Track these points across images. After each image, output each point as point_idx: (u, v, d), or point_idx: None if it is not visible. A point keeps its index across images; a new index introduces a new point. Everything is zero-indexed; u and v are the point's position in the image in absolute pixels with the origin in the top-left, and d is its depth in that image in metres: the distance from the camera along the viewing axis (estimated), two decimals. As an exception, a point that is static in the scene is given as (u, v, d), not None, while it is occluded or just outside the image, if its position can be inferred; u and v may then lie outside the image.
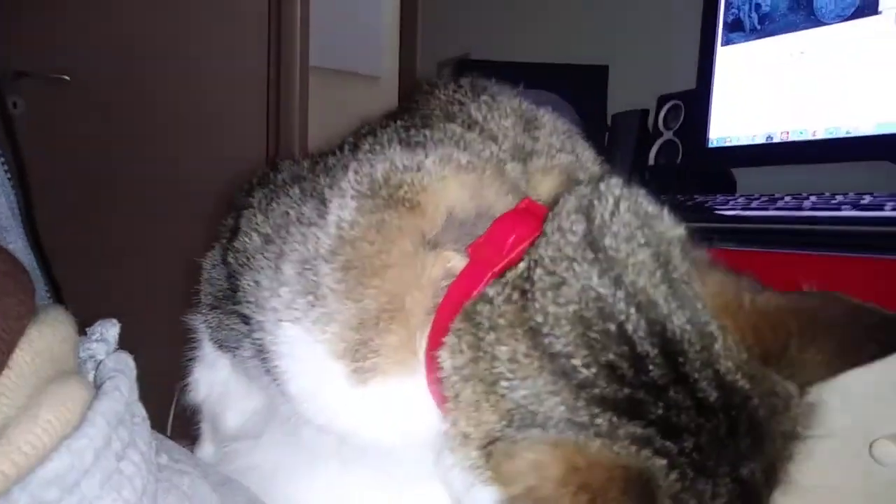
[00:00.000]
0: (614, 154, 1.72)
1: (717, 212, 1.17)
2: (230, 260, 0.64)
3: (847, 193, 1.08)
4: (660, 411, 0.49)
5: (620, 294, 0.51)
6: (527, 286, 0.52)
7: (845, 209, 0.99)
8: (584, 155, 0.69)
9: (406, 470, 0.61)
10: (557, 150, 0.66)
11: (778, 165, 1.42)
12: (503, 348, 0.51)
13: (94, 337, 0.53)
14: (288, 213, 0.60)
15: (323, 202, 0.58)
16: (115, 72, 2.42)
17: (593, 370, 0.50)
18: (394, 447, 0.58)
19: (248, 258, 0.61)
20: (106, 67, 2.40)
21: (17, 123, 2.34)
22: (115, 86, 2.45)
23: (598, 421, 0.49)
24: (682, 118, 1.62)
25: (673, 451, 0.49)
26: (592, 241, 0.53)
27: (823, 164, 1.35)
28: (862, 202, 1.01)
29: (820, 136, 1.28)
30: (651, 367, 0.50)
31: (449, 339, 0.53)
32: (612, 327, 0.50)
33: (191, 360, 0.77)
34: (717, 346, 0.52)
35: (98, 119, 2.41)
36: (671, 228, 0.56)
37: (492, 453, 0.51)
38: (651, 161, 1.67)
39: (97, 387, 0.46)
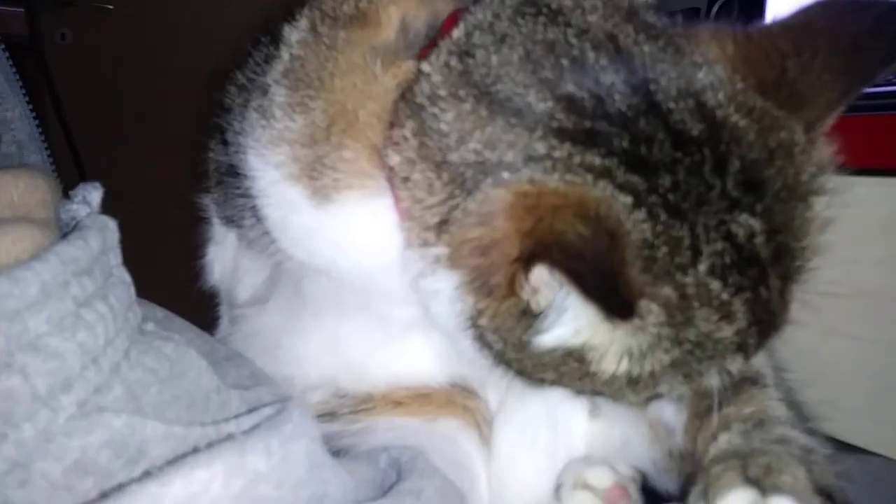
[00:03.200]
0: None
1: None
2: (223, 124, 0.64)
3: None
4: (625, 143, 0.45)
5: (571, 31, 0.48)
6: (465, 47, 0.50)
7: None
8: None
9: (400, 311, 0.60)
10: None
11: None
12: (447, 115, 0.49)
13: (76, 199, 0.52)
14: (258, 62, 0.61)
15: (281, 38, 0.58)
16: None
17: (549, 104, 0.47)
18: (374, 271, 0.57)
19: (230, 112, 0.62)
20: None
21: (68, 54, 2.37)
22: (157, 13, 2.44)
23: (556, 154, 0.46)
24: (734, 14, 1.53)
25: (640, 186, 0.45)
26: (533, 1, 0.51)
27: None
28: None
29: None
30: (616, 96, 0.46)
31: (394, 133, 0.52)
32: (565, 61, 0.47)
33: (203, 241, 0.76)
34: (701, 74, 0.47)
35: (139, 47, 2.41)
36: None
37: (446, 229, 0.49)
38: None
39: None
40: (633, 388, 0.49)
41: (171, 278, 0.77)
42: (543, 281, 0.45)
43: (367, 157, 0.54)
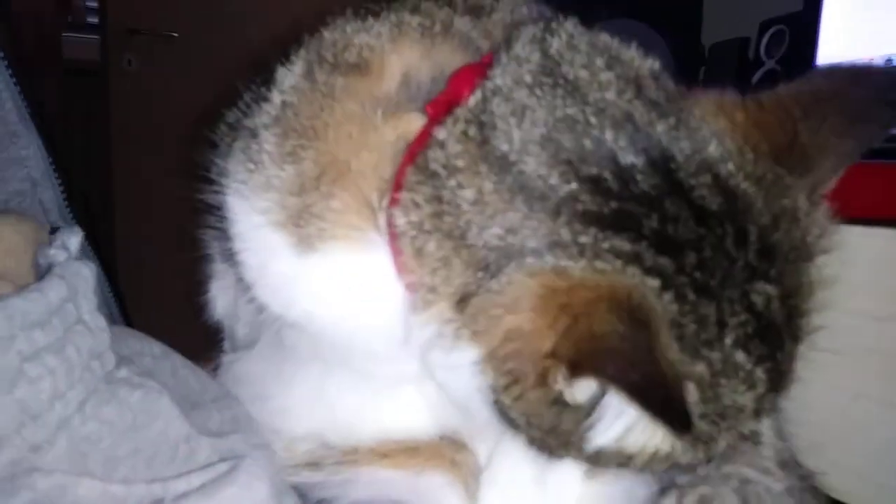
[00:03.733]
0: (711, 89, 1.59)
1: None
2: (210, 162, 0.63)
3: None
4: (653, 224, 0.44)
5: (590, 111, 0.46)
6: (484, 118, 0.48)
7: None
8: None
9: (385, 369, 0.59)
10: (519, 5, 0.62)
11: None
12: (466, 192, 0.47)
13: (55, 244, 0.53)
14: (248, 102, 0.59)
15: (274, 79, 0.57)
16: (220, 29, 2.50)
17: (574, 185, 0.45)
18: (357, 330, 0.55)
19: (217, 150, 0.61)
20: (211, 24, 2.48)
21: (132, 78, 2.46)
22: (220, 42, 2.52)
23: (582, 239, 0.44)
24: (786, 44, 1.47)
25: (668, 269, 0.44)
26: (550, 70, 0.49)
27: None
28: None
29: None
30: (639, 177, 0.45)
31: (402, 196, 0.50)
32: (588, 143, 0.46)
33: (206, 277, 0.77)
34: (713, 148, 0.46)
35: (202, 74, 2.50)
36: (640, 59, 0.51)
37: (467, 306, 0.47)
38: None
39: None
40: (659, 463, 0.48)
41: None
42: (590, 385, 0.44)
43: (357, 209, 0.53)
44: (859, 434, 0.67)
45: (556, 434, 0.48)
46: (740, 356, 0.45)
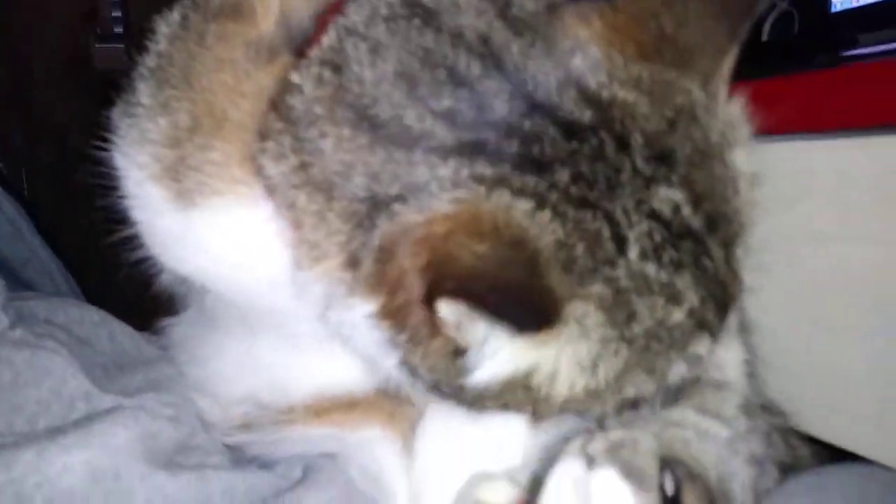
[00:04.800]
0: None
1: None
2: None
3: None
4: (514, 147, 0.42)
5: (445, 39, 0.44)
6: (338, 59, 0.46)
7: None
8: None
9: (303, 327, 0.57)
10: None
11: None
12: (327, 141, 0.45)
13: None
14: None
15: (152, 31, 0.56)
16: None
17: (427, 122, 0.43)
18: (256, 286, 0.54)
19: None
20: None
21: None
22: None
23: (440, 172, 0.42)
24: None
25: (539, 186, 0.42)
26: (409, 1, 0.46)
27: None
28: None
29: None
30: (496, 103, 0.43)
31: (268, 145, 0.48)
32: (441, 75, 0.44)
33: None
34: (577, 61, 0.44)
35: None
36: None
37: (358, 267, 0.45)
38: (764, 37, 1.44)
39: None
40: (597, 400, 0.46)
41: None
42: (458, 315, 0.41)
43: (239, 161, 0.51)
44: (830, 367, 0.61)
45: (468, 389, 0.46)
46: (650, 268, 0.42)
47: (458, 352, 0.44)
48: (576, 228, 0.41)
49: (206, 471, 0.51)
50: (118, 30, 2.61)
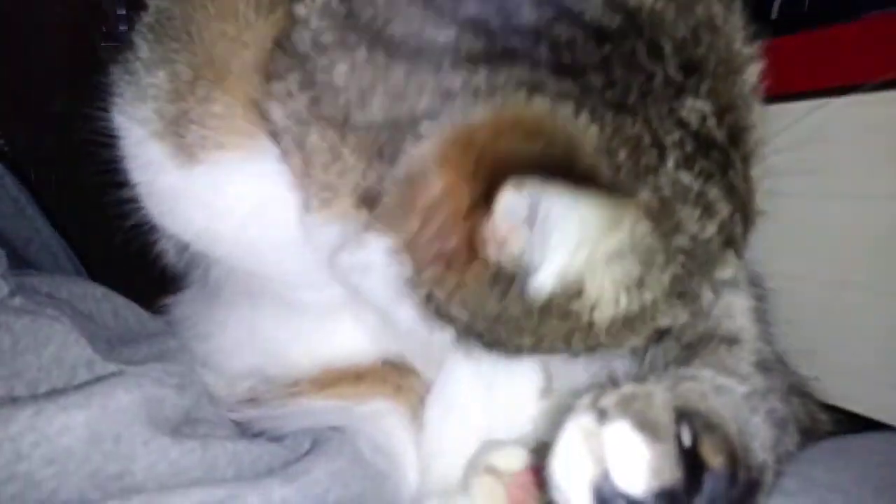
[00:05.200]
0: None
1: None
2: None
3: None
4: (545, 54, 0.40)
5: None
6: None
7: None
8: None
9: (309, 295, 0.56)
10: None
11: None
12: (339, 67, 0.43)
13: None
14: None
15: None
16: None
17: (452, 30, 0.41)
18: (262, 246, 0.52)
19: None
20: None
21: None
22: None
23: (474, 81, 0.40)
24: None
25: (575, 91, 0.40)
26: None
27: None
28: None
29: None
30: (521, 9, 0.41)
31: (275, 87, 0.46)
32: None
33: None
34: None
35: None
36: None
37: (376, 205, 0.43)
38: (774, 14, 1.42)
39: None
40: (632, 329, 0.44)
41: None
42: (511, 216, 0.39)
43: (243, 113, 0.50)
44: (850, 328, 0.59)
45: (504, 321, 0.44)
46: (686, 177, 0.41)
47: (498, 277, 0.42)
48: (617, 133, 0.39)
49: (211, 440, 0.50)
50: (123, 27, 2.61)
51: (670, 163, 0.40)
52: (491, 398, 0.59)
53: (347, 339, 0.61)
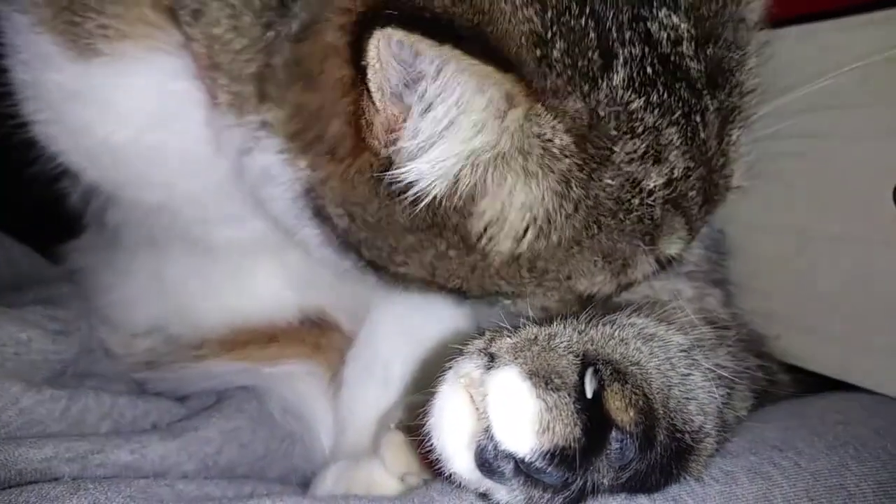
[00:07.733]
0: None
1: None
2: None
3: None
4: None
5: None
6: None
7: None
8: None
9: (222, 232, 0.51)
10: None
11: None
12: None
13: None
14: None
15: None
16: None
17: None
18: (168, 151, 0.46)
19: None
20: None
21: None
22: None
23: None
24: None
25: None
26: None
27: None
28: None
29: None
30: None
31: None
32: None
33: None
34: None
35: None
36: None
37: (264, 82, 0.38)
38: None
39: None
40: (539, 279, 0.38)
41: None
42: (386, 80, 0.33)
43: (150, 2, 0.43)
44: (806, 283, 0.54)
45: (387, 227, 0.38)
46: (636, 102, 0.34)
47: (381, 179, 0.36)
48: (558, 21, 0.33)
49: (82, 392, 0.44)
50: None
51: (617, 78, 0.33)
52: (412, 356, 0.53)
53: (264, 289, 0.55)
